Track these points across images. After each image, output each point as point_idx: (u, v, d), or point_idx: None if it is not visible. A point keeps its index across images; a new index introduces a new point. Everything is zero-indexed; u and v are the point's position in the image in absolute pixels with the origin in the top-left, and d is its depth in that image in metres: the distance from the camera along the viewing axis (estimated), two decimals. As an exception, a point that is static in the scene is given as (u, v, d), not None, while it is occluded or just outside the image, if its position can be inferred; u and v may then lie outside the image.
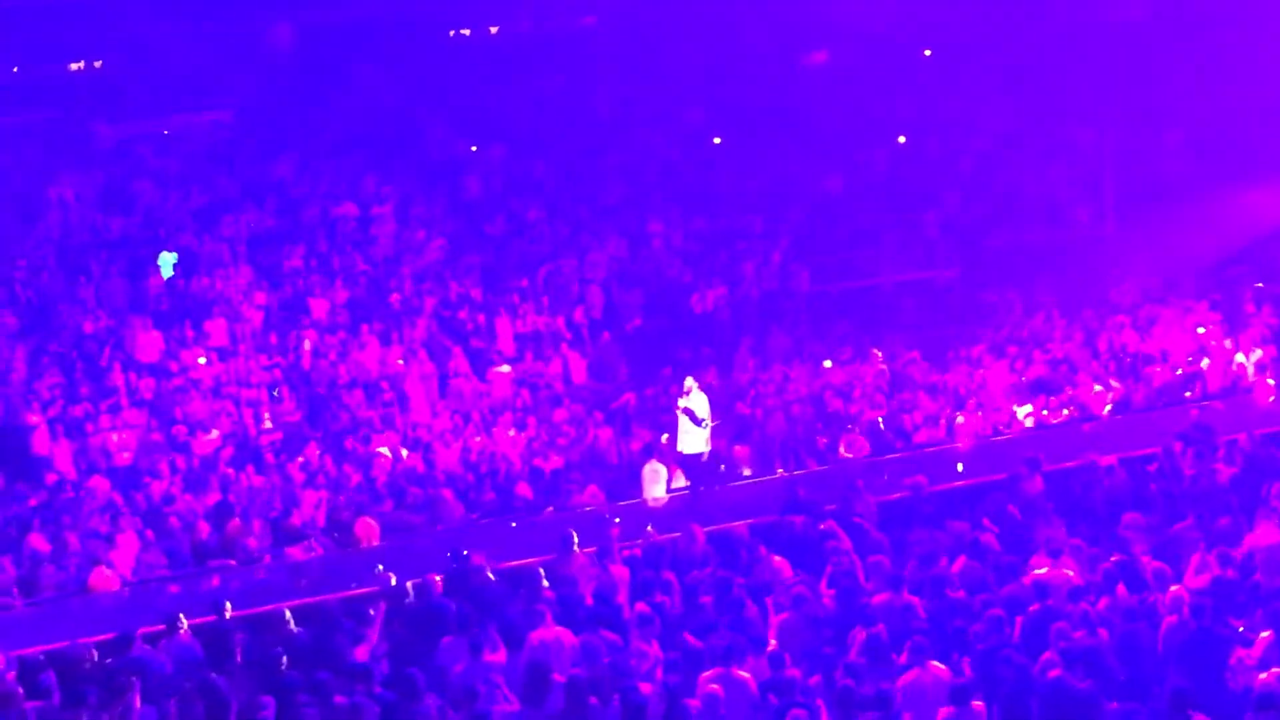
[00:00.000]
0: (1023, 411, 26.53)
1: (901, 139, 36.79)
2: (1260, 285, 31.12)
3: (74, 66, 37.07)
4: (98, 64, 37.04)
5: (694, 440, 23.33)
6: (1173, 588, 16.41)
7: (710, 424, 23.54)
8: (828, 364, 29.06)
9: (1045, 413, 26.45)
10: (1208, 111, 34.36)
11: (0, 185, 32.67)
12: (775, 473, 25.08)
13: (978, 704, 13.85)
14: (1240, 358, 27.82)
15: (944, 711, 13.81)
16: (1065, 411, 26.49)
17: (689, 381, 23.61)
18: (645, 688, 14.30)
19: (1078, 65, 34.56)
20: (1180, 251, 31.64)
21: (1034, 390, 27.31)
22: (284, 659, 16.20)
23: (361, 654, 16.79)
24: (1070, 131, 36.03)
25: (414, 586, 18.73)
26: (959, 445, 25.26)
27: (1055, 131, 36.02)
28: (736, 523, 20.45)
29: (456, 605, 17.71)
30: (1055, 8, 35.06)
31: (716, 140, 36.88)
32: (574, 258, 32.52)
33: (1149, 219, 32.91)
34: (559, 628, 16.27)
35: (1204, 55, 33.72)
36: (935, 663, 14.70)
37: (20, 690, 15.83)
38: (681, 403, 23.54)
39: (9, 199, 32.42)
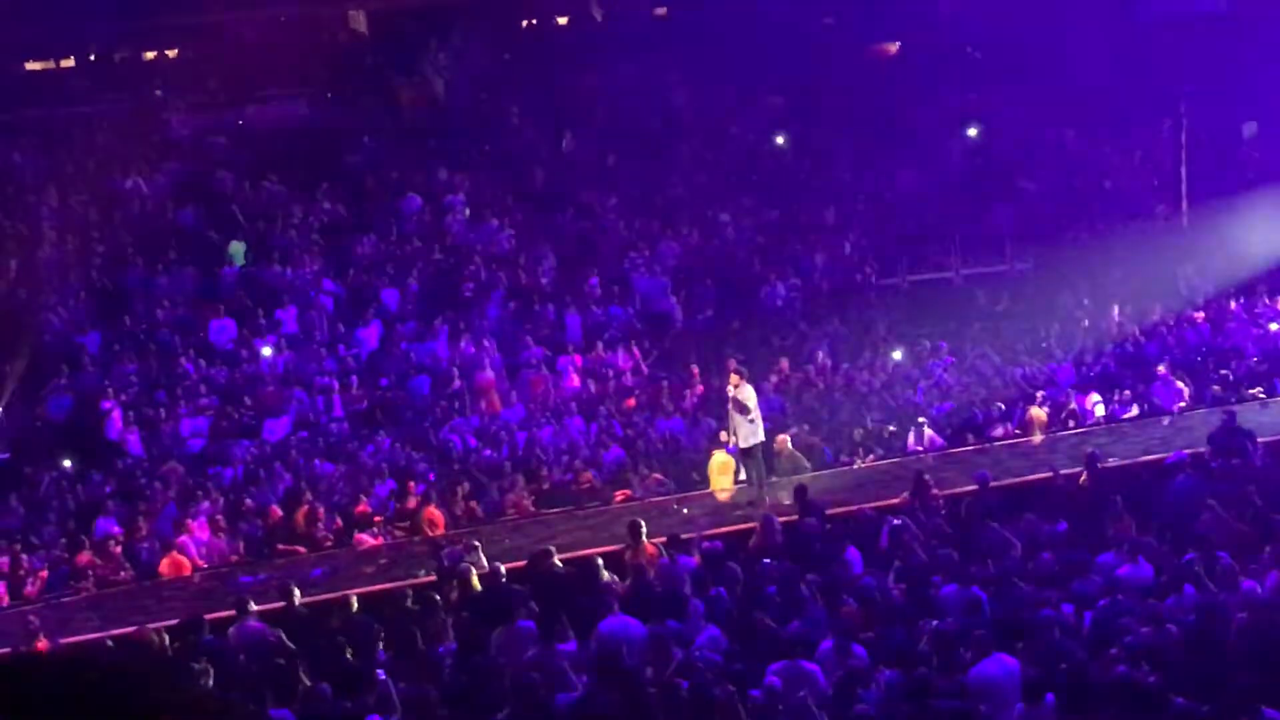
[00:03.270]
0: (1091, 401, 26.31)
1: (973, 132, 36.55)
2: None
3: (148, 56, 37.37)
4: (172, 53, 37.33)
5: (749, 432, 23.01)
6: (1244, 585, 16.21)
7: (757, 416, 23.09)
8: (897, 355, 28.90)
9: (1117, 408, 26.21)
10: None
11: (76, 175, 32.99)
12: (851, 464, 24.97)
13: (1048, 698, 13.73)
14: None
15: (1019, 707, 13.70)
16: (1134, 408, 26.24)
17: (734, 377, 23.28)
18: (712, 678, 14.24)
19: (1154, 58, 34.25)
20: (1255, 246, 31.23)
21: (1104, 385, 27.09)
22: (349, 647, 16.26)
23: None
24: (1146, 125, 35.72)
25: (482, 575, 18.79)
26: (1030, 439, 25.10)
27: (1131, 125, 35.71)
28: (807, 515, 20.37)
29: (527, 594, 17.70)
30: (1132, 1, 34.79)
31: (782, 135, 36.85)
32: (645, 248, 32.51)
33: (1225, 213, 32.52)
34: (626, 617, 16.20)
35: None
36: (1005, 656, 14.58)
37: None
38: (731, 391, 23.16)
39: (85, 189, 32.71)
